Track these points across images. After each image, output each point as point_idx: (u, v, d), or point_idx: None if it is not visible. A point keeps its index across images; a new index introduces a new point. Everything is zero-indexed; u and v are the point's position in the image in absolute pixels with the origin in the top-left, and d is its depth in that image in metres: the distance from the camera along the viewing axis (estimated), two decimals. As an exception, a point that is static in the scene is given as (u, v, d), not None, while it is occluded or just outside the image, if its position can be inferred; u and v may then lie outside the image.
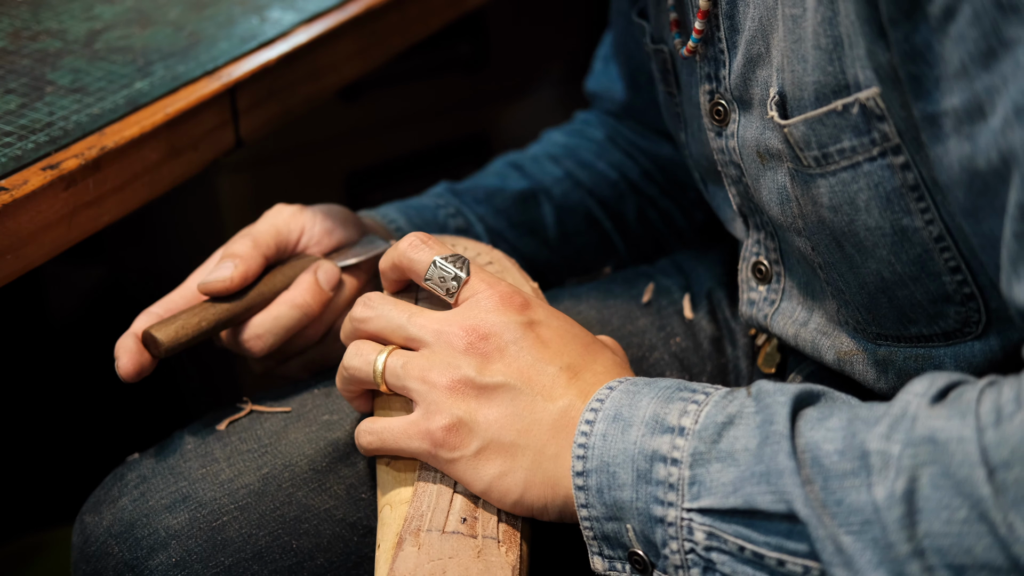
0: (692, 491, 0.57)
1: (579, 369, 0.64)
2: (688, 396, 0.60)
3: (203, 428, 0.77)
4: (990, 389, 0.53)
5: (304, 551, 0.72)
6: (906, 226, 0.61)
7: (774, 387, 0.59)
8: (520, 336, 0.64)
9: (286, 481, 0.74)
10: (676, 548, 0.58)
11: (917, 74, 0.54)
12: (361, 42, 0.95)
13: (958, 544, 0.50)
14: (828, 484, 0.54)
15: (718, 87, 0.71)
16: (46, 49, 0.87)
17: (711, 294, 0.90)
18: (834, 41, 0.59)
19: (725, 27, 0.68)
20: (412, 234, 0.69)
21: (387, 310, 0.66)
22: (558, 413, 0.62)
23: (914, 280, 0.63)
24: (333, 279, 0.79)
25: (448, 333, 0.64)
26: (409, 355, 0.65)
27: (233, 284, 0.76)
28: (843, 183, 0.62)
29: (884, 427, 0.53)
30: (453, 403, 0.63)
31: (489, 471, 0.63)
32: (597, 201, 0.98)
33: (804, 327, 0.74)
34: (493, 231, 0.92)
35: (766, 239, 0.75)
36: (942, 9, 0.51)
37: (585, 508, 0.61)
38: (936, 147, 0.56)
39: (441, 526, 0.63)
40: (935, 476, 0.51)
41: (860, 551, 0.52)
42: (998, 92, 0.50)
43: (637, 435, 0.59)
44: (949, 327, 0.65)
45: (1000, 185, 0.51)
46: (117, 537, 0.72)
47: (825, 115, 0.61)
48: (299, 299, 0.77)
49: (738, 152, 0.71)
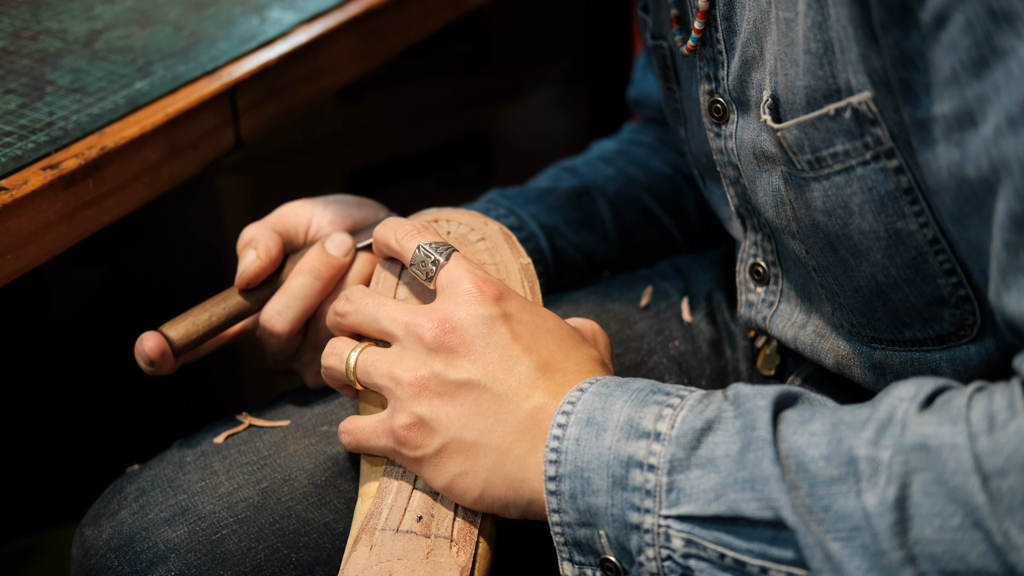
0: (670, 497, 0.57)
1: (551, 367, 0.63)
2: (663, 399, 0.59)
3: (202, 441, 0.77)
4: (979, 395, 0.52)
5: (304, 564, 0.72)
6: (900, 229, 0.61)
7: (752, 391, 0.58)
8: (490, 330, 0.63)
9: (285, 495, 0.74)
10: (652, 555, 0.57)
11: (907, 79, 0.54)
12: (361, 42, 0.95)
13: (951, 551, 0.50)
14: (815, 490, 0.53)
15: (717, 87, 0.71)
16: (46, 49, 0.87)
17: (710, 296, 0.89)
18: (824, 45, 0.59)
19: (723, 28, 0.68)
20: (395, 218, 0.70)
21: (364, 304, 0.67)
22: (526, 413, 0.62)
23: (908, 283, 0.63)
24: (343, 246, 0.77)
25: (417, 326, 0.63)
26: (379, 353, 0.65)
27: (263, 264, 0.75)
28: (836, 187, 0.62)
29: (871, 432, 0.53)
30: (417, 401, 0.63)
31: (450, 469, 0.62)
32: (653, 196, 0.96)
33: (803, 329, 0.74)
34: (548, 228, 0.91)
35: (763, 240, 0.75)
36: (934, 16, 0.51)
37: (557, 513, 0.60)
38: (925, 152, 0.55)
39: (396, 525, 0.63)
40: (927, 483, 0.50)
41: (848, 557, 0.52)
42: (990, 101, 0.50)
43: (612, 440, 0.58)
44: (944, 330, 0.64)
45: (987, 194, 0.51)
46: (117, 550, 0.72)
47: (818, 119, 0.60)
48: (307, 265, 0.76)
49: (736, 153, 0.71)
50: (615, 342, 0.85)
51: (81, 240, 0.75)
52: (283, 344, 0.77)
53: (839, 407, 0.56)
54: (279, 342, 0.76)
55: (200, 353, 0.79)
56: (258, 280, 0.76)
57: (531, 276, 0.72)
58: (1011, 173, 0.49)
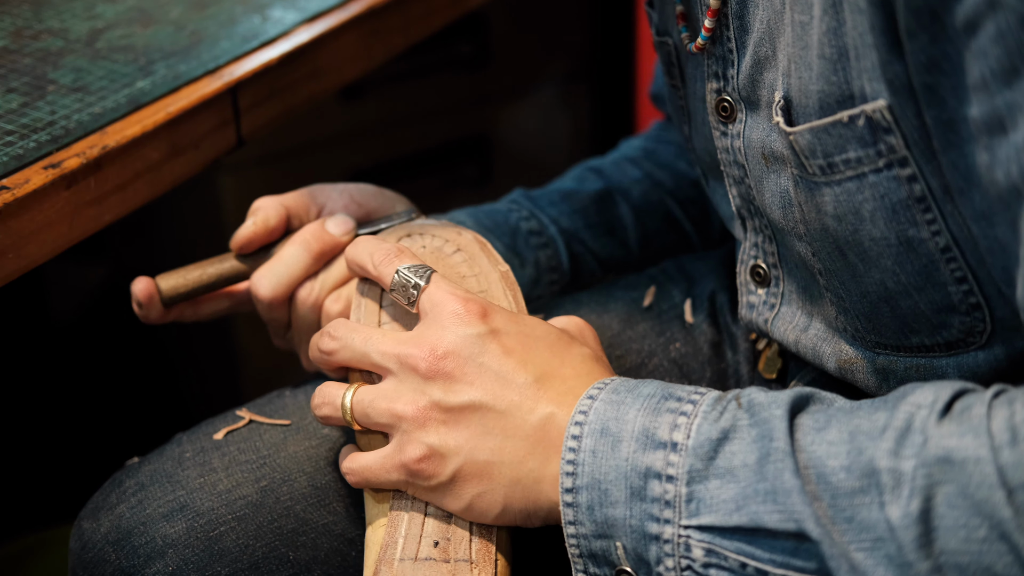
0: (690, 508, 0.57)
1: (548, 375, 0.63)
2: (675, 407, 0.59)
3: (201, 437, 0.77)
4: (1000, 404, 0.52)
5: (301, 563, 0.72)
6: (912, 237, 0.61)
7: (766, 398, 0.58)
8: (481, 349, 0.62)
9: (284, 495, 0.73)
10: (672, 565, 0.57)
11: (932, 83, 0.54)
12: (363, 41, 0.94)
13: (977, 562, 0.50)
14: (837, 501, 0.53)
15: (725, 86, 0.70)
16: (48, 48, 0.87)
17: (713, 298, 0.89)
18: (839, 51, 0.58)
19: (735, 27, 0.68)
20: (368, 240, 0.69)
21: (350, 339, 0.66)
22: (533, 426, 0.61)
23: (918, 290, 0.63)
24: (343, 226, 0.77)
25: (410, 357, 0.63)
26: (374, 391, 0.64)
27: (257, 231, 0.77)
28: (848, 193, 0.61)
29: (891, 442, 0.53)
30: (423, 432, 0.62)
31: (468, 492, 0.62)
32: (678, 201, 0.96)
33: (804, 333, 0.74)
34: (568, 232, 0.90)
35: (764, 242, 0.75)
36: (964, 23, 0.50)
37: (573, 525, 0.60)
38: (951, 153, 0.55)
39: (414, 554, 0.63)
40: (951, 496, 0.51)
41: (873, 567, 0.52)
42: (1021, 109, 0.50)
43: (628, 451, 0.58)
44: (952, 337, 0.64)
45: (1016, 199, 0.51)
46: (114, 544, 0.72)
47: (831, 125, 0.60)
48: (300, 237, 0.77)
49: (743, 152, 0.70)
50: (616, 342, 0.85)
51: (82, 239, 0.75)
52: (270, 312, 0.78)
53: (853, 409, 0.56)
54: (264, 308, 0.78)
55: (200, 315, 0.82)
56: (250, 245, 0.78)
57: (512, 283, 0.71)
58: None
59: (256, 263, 0.79)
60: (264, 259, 0.79)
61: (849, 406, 0.57)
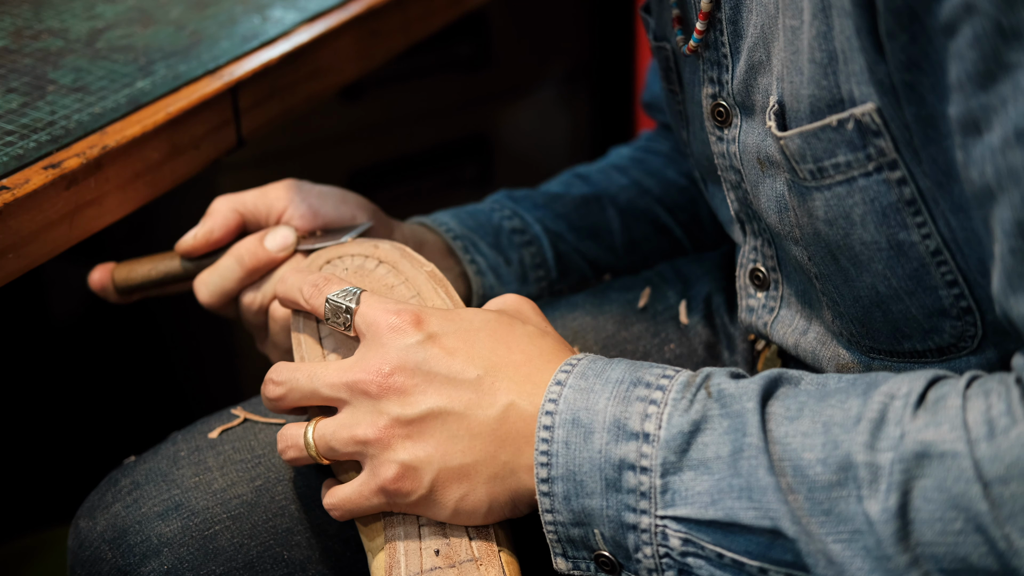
0: (665, 498, 0.57)
1: (498, 366, 0.62)
2: (644, 394, 0.59)
3: (197, 435, 0.77)
4: (975, 395, 0.53)
5: (296, 562, 0.72)
6: (902, 240, 0.61)
7: (736, 388, 0.58)
8: (425, 356, 0.62)
9: (279, 494, 0.74)
10: (650, 553, 0.58)
11: (912, 82, 0.54)
12: (363, 41, 0.94)
13: (952, 553, 0.51)
14: (813, 495, 0.54)
15: (720, 91, 0.71)
16: (48, 48, 0.87)
17: (709, 299, 0.89)
18: (829, 56, 0.58)
19: (729, 32, 0.68)
20: (292, 274, 0.70)
21: (296, 380, 0.65)
22: (495, 420, 0.61)
23: (909, 294, 0.63)
24: (282, 241, 0.78)
25: (358, 383, 0.63)
26: (332, 423, 0.64)
27: (197, 243, 0.80)
28: (838, 197, 0.61)
29: (866, 435, 0.53)
30: (391, 452, 0.62)
31: (450, 498, 0.62)
32: (666, 208, 0.96)
33: (804, 336, 0.74)
34: (552, 233, 0.90)
35: (763, 246, 0.75)
36: (943, 26, 0.51)
37: (550, 513, 0.60)
38: (930, 147, 0.56)
39: (418, 568, 0.63)
40: (928, 489, 0.51)
41: (850, 559, 0.53)
42: (995, 112, 0.50)
43: (601, 443, 0.58)
44: (944, 342, 0.64)
45: (989, 198, 0.52)
46: (110, 543, 0.72)
47: (820, 129, 0.60)
48: (236, 251, 0.78)
49: (739, 157, 0.70)
50: (611, 343, 0.85)
51: (82, 239, 0.75)
52: (218, 312, 0.81)
53: (823, 395, 0.57)
54: (211, 310, 0.81)
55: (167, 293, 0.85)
56: (192, 253, 0.81)
57: (440, 280, 0.71)
58: (1019, 183, 0.50)
59: (201, 265, 0.81)
60: (209, 263, 0.80)
61: (819, 390, 0.57)
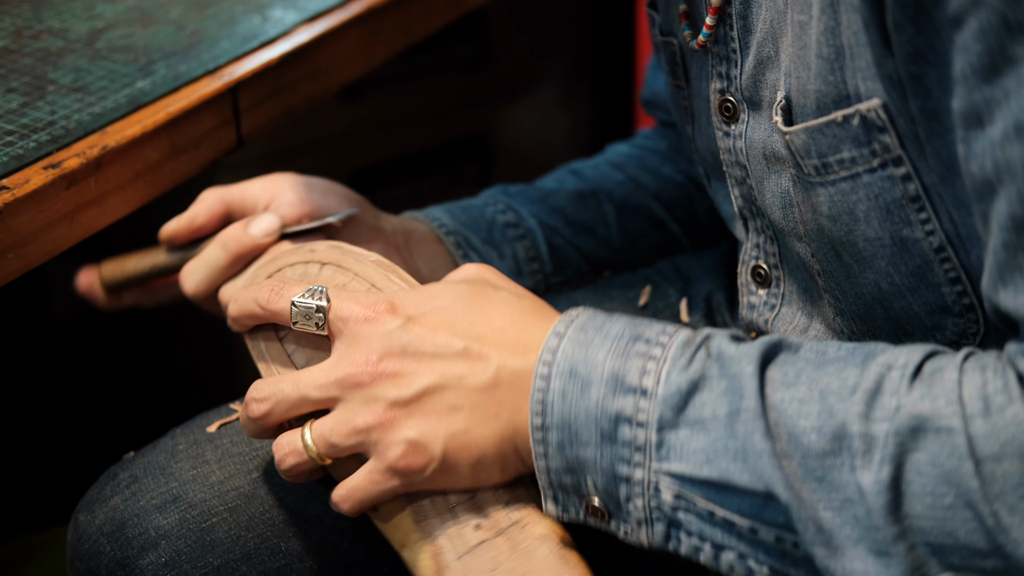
0: (660, 453, 0.57)
1: (482, 334, 0.62)
2: (644, 350, 0.59)
3: (195, 430, 0.77)
4: (971, 370, 0.53)
5: (293, 553, 0.72)
6: (906, 237, 0.61)
7: (736, 350, 0.58)
8: (409, 339, 0.62)
9: (276, 486, 0.74)
10: (641, 505, 0.59)
11: (918, 74, 0.55)
12: (363, 41, 0.94)
13: (940, 527, 0.52)
14: (807, 462, 0.54)
15: (729, 86, 0.70)
16: (48, 48, 0.87)
17: (710, 297, 0.89)
18: (836, 51, 0.59)
19: (738, 27, 0.68)
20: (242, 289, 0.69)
21: (281, 392, 0.64)
22: (490, 383, 0.61)
23: (912, 291, 0.63)
24: (267, 226, 0.78)
25: (348, 377, 0.62)
26: (329, 421, 0.63)
27: (180, 227, 0.80)
28: (842, 193, 0.62)
29: (861, 404, 0.54)
30: (395, 432, 0.62)
31: (465, 466, 0.62)
32: (663, 204, 0.96)
33: (804, 334, 0.74)
34: (547, 226, 0.90)
35: (766, 243, 0.75)
36: (950, 18, 0.51)
37: (544, 459, 0.60)
38: (935, 140, 0.56)
39: (465, 547, 0.63)
40: (920, 463, 0.52)
41: (839, 527, 0.53)
42: (998, 105, 0.50)
43: (598, 395, 0.59)
44: (946, 339, 0.64)
45: (988, 192, 0.52)
46: (109, 536, 0.72)
47: (825, 125, 0.60)
48: (221, 238, 0.78)
49: (745, 153, 0.70)
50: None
51: (82, 239, 0.75)
52: (203, 305, 0.81)
53: (821, 363, 0.57)
54: (198, 303, 0.80)
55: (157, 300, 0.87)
56: (175, 240, 0.81)
57: (389, 266, 0.71)
58: (1015, 177, 0.50)
59: (187, 256, 0.81)
60: (195, 253, 0.80)
61: (817, 358, 0.57)
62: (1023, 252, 0.51)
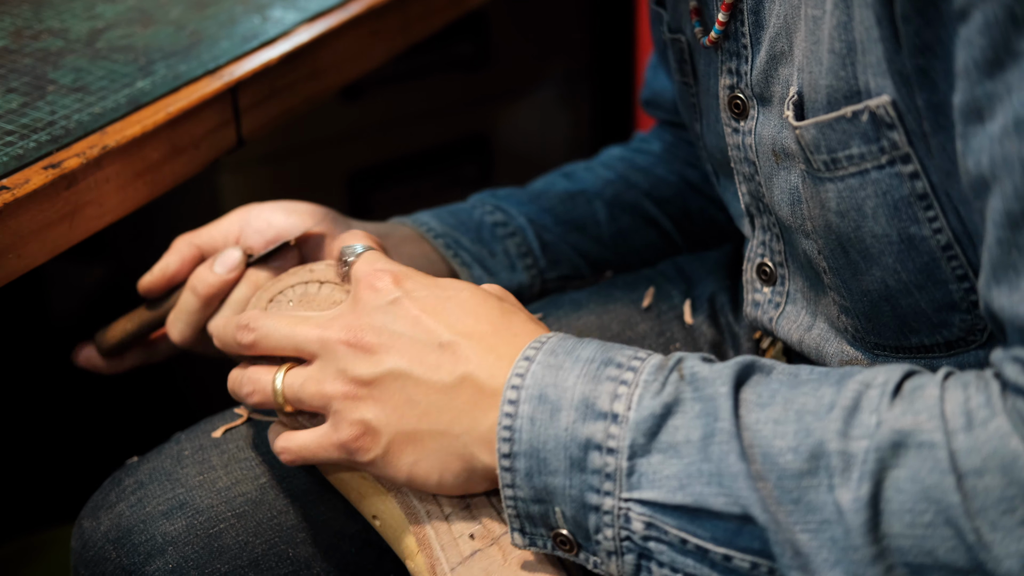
0: (631, 481, 0.57)
1: (464, 334, 0.62)
2: (615, 374, 0.58)
3: (200, 435, 0.77)
4: (953, 387, 0.53)
5: (301, 560, 0.72)
6: (913, 234, 0.61)
7: (709, 371, 0.57)
8: (395, 316, 0.63)
9: (283, 491, 0.74)
10: (611, 535, 0.58)
11: (925, 67, 0.54)
12: (363, 41, 0.94)
13: (919, 546, 0.51)
14: (783, 483, 0.53)
15: (739, 82, 0.70)
16: (48, 48, 0.87)
17: (713, 298, 0.89)
18: (848, 46, 0.58)
19: (750, 22, 0.68)
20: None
21: (272, 328, 0.66)
22: (450, 387, 0.61)
23: (919, 288, 0.63)
24: (229, 262, 0.78)
25: (332, 338, 0.63)
26: (302, 374, 0.65)
27: (152, 280, 0.81)
28: (851, 189, 0.61)
29: (839, 422, 0.53)
30: (352, 409, 0.62)
31: (404, 462, 0.62)
32: (654, 201, 0.96)
33: (808, 332, 0.74)
34: (537, 224, 0.90)
35: (772, 241, 0.75)
36: (957, 10, 0.51)
37: (511, 488, 0.60)
38: (940, 134, 0.56)
39: (459, 558, 0.63)
40: (900, 480, 0.51)
41: (816, 549, 0.52)
42: (1000, 100, 0.50)
43: (567, 421, 0.58)
44: (953, 336, 0.64)
45: (983, 188, 0.52)
46: (114, 543, 0.72)
47: (835, 120, 0.60)
48: (190, 282, 0.79)
49: (754, 149, 0.70)
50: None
51: (82, 239, 0.75)
52: (197, 351, 0.81)
53: (796, 383, 0.56)
54: (191, 350, 0.81)
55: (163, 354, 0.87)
56: (151, 292, 0.82)
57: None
58: (1012, 173, 0.50)
59: (169, 305, 0.82)
60: (175, 301, 0.81)
61: (791, 379, 0.57)
62: (1017, 249, 0.50)
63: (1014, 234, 0.50)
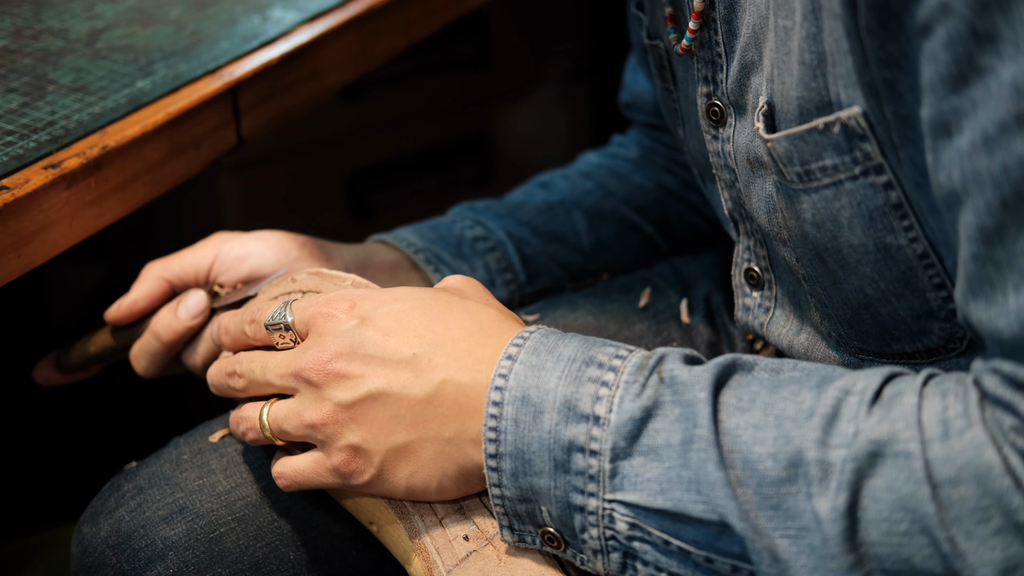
0: (614, 482, 0.57)
1: (435, 342, 0.62)
2: (596, 374, 0.59)
3: (199, 439, 0.77)
4: (931, 394, 0.53)
5: (301, 563, 0.72)
6: (889, 244, 0.61)
7: (688, 375, 0.58)
8: (360, 340, 0.62)
9: (284, 495, 0.74)
10: (596, 535, 0.58)
11: (891, 79, 0.54)
12: (363, 41, 0.94)
13: (896, 554, 0.51)
14: (762, 489, 0.54)
15: (715, 90, 0.70)
16: (48, 48, 0.87)
17: (709, 299, 0.89)
18: (818, 57, 0.58)
19: (723, 31, 0.68)
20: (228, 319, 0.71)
21: (250, 370, 0.67)
22: (431, 396, 0.61)
23: (898, 297, 0.63)
24: (194, 308, 0.78)
25: (302, 371, 0.63)
26: (284, 408, 0.65)
27: (120, 313, 0.80)
28: (825, 200, 0.61)
29: (818, 430, 0.53)
30: (339, 435, 0.62)
31: (401, 476, 0.62)
32: (634, 208, 0.96)
33: (796, 337, 0.74)
34: (516, 238, 0.90)
35: (756, 246, 0.75)
36: (920, 25, 0.51)
37: (498, 488, 0.60)
38: (908, 147, 0.56)
39: (456, 559, 0.63)
40: (877, 489, 0.51)
41: (795, 556, 0.53)
42: (966, 115, 0.50)
43: (550, 423, 0.58)
44: (933, 344, 0.64)
45: (955, 202, 0.52)
46: (115, 548, 0.72)
47: (807, 132, 0.60)
48: (154, 325, 0.79)
49: (733, 157, 0.70)
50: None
51: (83, 239, 0.75)
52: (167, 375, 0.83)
53: (776, 386, 0.56)
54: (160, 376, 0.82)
55: None
56: (119, 323, 0.82)
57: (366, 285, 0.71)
58: (983, 189, 0.50)
59: (134, 335, 0.82)
60: (140, 332, 0.81)
61: (772, 378, 0.57)
62: (992, 264, 0.50)
63: (988, 249, 0.50)
